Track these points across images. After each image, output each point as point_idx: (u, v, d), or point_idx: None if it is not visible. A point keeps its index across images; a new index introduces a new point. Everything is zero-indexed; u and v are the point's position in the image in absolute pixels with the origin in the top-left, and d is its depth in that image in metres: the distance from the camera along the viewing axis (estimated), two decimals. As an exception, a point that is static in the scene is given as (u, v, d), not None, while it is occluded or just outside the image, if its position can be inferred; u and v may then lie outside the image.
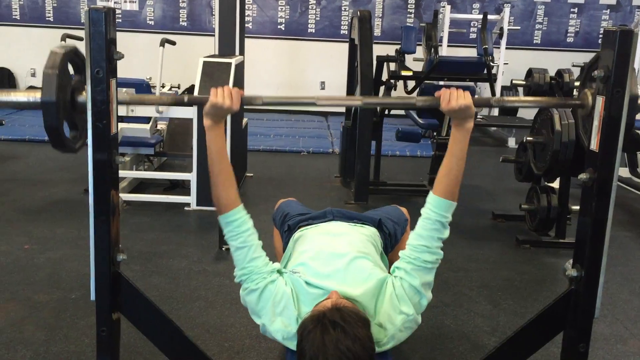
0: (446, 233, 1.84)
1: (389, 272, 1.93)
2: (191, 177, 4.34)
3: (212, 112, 1.77)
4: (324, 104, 1.79)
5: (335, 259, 1.91)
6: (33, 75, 8.86)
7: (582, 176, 1.67)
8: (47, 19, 8.72)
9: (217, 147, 1.82)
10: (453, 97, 1.74)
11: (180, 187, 4.75)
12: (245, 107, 1.81)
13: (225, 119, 1.88)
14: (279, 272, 1.89)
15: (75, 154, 1.85)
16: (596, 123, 1.65)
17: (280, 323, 1.78)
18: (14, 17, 8.72)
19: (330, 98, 1.72)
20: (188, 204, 4.38)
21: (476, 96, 1.74)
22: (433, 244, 1.82)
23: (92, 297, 1.77)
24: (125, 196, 4.40)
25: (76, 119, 1.78)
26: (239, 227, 1.84)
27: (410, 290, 1.80)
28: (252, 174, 5.37)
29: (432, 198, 1.84)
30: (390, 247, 2.29)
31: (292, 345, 1.75)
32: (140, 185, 4.84)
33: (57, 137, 1.69)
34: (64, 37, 4.30)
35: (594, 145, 1.66)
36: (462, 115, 1.77)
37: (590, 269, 1.69)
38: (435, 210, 1.82)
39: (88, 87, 1.61)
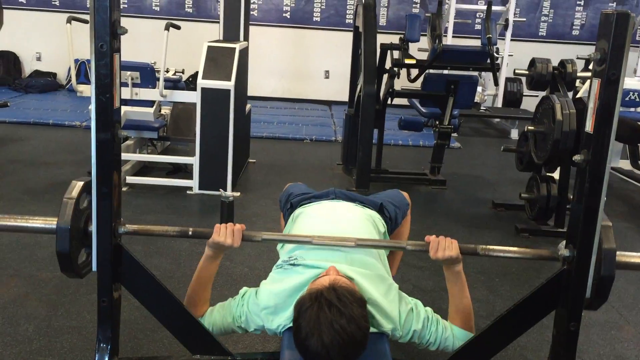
0: (450, 349, 1.91)
1: (394, 258, 1.96)
2: (194, 161, 4.37)
3: (214, 246, 1.94)
4: (319, 243, 1.89)
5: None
6: (38, 59, 8.90)
7: (577, 157, 1.69)
8: (53, 3, 8.74)
9: (207, 274, 2.00)
10: (441, 248, 1.88)
11: (183, 171, 4.78)
12: (249, 96, 1.82)
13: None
14: (243, 295, 1.96)
15: (81, 278, 1.95)
16: (591, 105, 1.67)
17: (279, 319, 1.84)
18: (20, 0, 8.74)
19: (324, 238, 1.85)
20: (190, 188, 4.41)
21: (461, 245, 1.84)
22: (441, 344, 1.89)
23: (94, 267, 1.80)
24: (128, 179, 4.44)
25: (87, 246, 1.89)
26: (210, 325, 1.97)
27: (409, 325, 1.86)
28: (254, 160, 5.41)
29: (455, 329, 1.92)
30: (390, 230, 2.31)
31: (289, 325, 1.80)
32: (143, 169, 4.87)
33: (67, 262, 1.80)
34: (70, 20, 4.31)
35: (588, 127, 1.69)
36: (449, 262, 1.91)
37: (582, 249, 1.72)
38: (458, 342, 1.90)
39: (92, 61, 1.64)
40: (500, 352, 1.97)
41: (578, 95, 4.72)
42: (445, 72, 5.07)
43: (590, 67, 5.50)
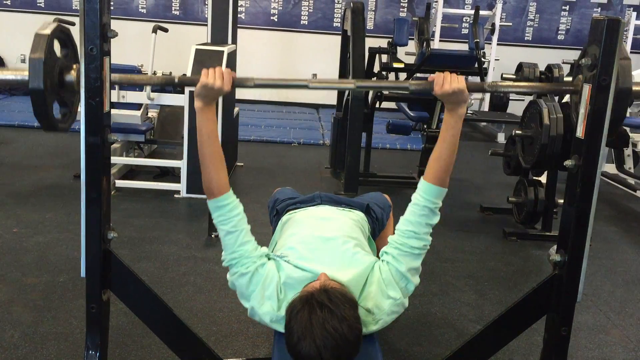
0: (435, 219, 1.84)
1: (377, 257, 1.94)
2: (181, 164, 4.35)
3: (203, 93, 1.76)
4: (316, 86, 1.79)
5: (323, 242, 1.92)
6: (23, 61, 8.78)
7: (568, 163, 1.70)
8: (38, 4, 8.66)
9: (208, 129, 1.81)
10: (447, 81, 1.73)
11: (171, 175, 4.75)
12: (236, 88, 1.79)
13: (217, 102, 1.87)
14: (268, 256, 1.90)
15: (66, 132, 1.85)
16: (582, 111, 1.68)
17: (269, 306, 1.80)
18: (4, 2, 8.65)
19: (322, 81, 1.72)
20: (178, 192, 4.38)
21: (469, 80, 1.73)
22: (421, 229, 1.82)
23: (83, 274, 1.78)
24: (114, 182, 4.40)
25: (65, 97, 1.77)
26: (230, 211, 1.84)
27: (397, 275, 1.81)
28: (242, 164, 5.38)
29: (422, 184, 1.85)
30: (378, 231, 2.31)
31: (280, 327, 1.76)
32: (130, 172, 4.84)
33: (48, 121, 1.68)
34: (55, 22, 4.27)
35: (580, 132, 1.69)
36: (455, 99, 1.76)
37: (573, 254, 1.73)
38: (425, 196, 1.82)
39: (82, 64, 1.62)
40: (490, 357, 1.97)
41: (564, 100, 4.75)
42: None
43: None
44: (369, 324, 1.79)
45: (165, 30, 4.55)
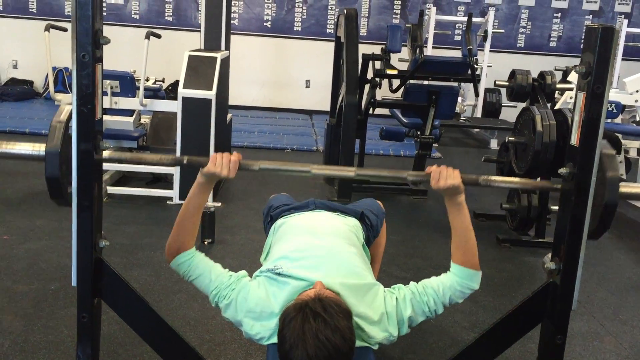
0: (459, 300, 1.85)
1: (373, 269, 1.92)
2: (174, 171, 4.33)
3: (207, 175, 1.84)
4: (318, 173, 1.85)
5: (319, 250, 1.91)
6: (15, 67, 8.76)
7: (562, 170, 1.69)
8: (30, 10, 8.62)
9: (198, 202, 1.89)
10: (442, 177, 1.80)
11: (163, 181, 4.73)
12: (230, 105, 1.80)
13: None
14: (246, 276, 1.88)
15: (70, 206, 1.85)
16: (577, 118, 1.68)
17: (260, 326, 1.78)
18: (-4, 8, 8.61)
19: (324, 168, 1.78)
20: (170, 198, 4.36)
21: (463, 175, 1.78)
22: (444, 299, 1.84)
23: (74, 282, 1.76)
24: (106, 189, 4.37)
25: None
26: (191, 263, 1.86)
27: (399, 316, 1.80)
28: (235, 170, 5.36)
29: (455, 268, 1.85)
30: (372, 238, 2.30)
31: (273, 340, 1.74)
32: (122, 179, 4.81)
33: (62, 200, 1.74)
34: (48, 27, 4.25)
35: (574, 140, 1.69)
36: (452, 193, 1.83)
37: (568, 262, 1.72)
38: (460, 279, 1.83)
39: (74, 71, 1.60)
40: (485, 365, 1.96)
41: (557, 107, 4.77)
42: (426, 82, 5.10)
43: (569, 78, 5.57)
44: (362, 340, 1.76)
45: (158, 36, 4.53)
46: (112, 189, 4.39)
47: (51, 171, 1.70)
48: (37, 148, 1.75)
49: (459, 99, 7.25)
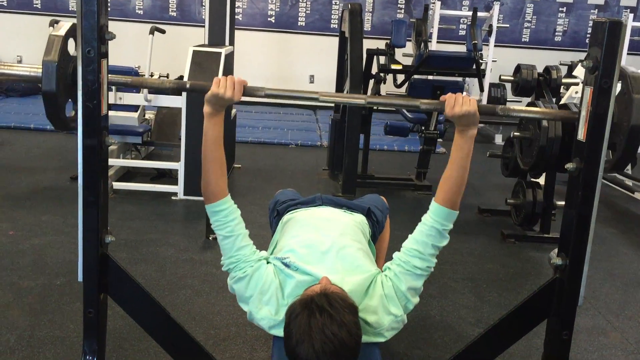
0: (443, 242, 1.83)
1: (378, 264, 1.92)
2: (179, 166, 4.33)
3: (213, 100, 1.77)
4: (326, 99, 1.78)
5: (325, 245, 1.91)
6: (19, 62, 8.76)
7: (569, 166, 1.68)
8: (34, 5, 8.62)
9: (214, 134, 1.83)
10: (458, 103, 1.73)
11: (168, 177, 4.73)
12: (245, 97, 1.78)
13: (225, 108, 1.87)
14: (267, 260, 1.88)
15: (68, 131, 1.84)
16: (584, 113, 1.67)
17: (267, 311, 1.78)
18: (0, 3, 8.62)
19: (333, 95, 1.71)
20: (175, 194, 4.36)
21: (482, 103, 1.72)
22: (427, 250, 1.81)
23: (80, 278, 1.76)
24: (112, 184, 4.38)
25: (74, 94, 1.73)
26: (227, 216, 1.84)
27: (398, 293, 1.80)
28: (239, 165, 5.37)
29: (433, 205, 1.84)
30: (378, 234, 2.30)
31: (278, 332, 1.75)
32: (127, 174, 4.81)
33: (60, 122, 1.69)
34: (52, 23, 4.26)
35: (581, 135, 1.68)
36: (466, 121, 1.75)
37: (575, 258, 1.72)
38: (434, 217, 1.82)
39: (79, 67, 1.60)
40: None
41: (562, 102, 4.75)
42: (431, 77, 5.08)
43: (574, 73, 5.55)
44: (369, 335, 1.77)
45: (163, 31, 4.53)
46: (117, 185, 4.40)
47: (48, 86, 1.63)
48: (35, 69, 1.68)
49: (464, 94, 7.23)
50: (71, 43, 1.72)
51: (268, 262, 1.87)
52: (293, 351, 1.55)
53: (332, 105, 5.57)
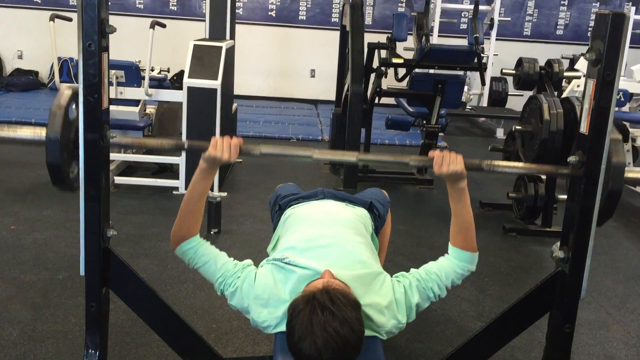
0: (459, 282, 1.88)
1: (380, 258, 1.91)
2: (180, 161, 4.33)
3: (209, 160, 1.81)
4: (319, 158, 1.84)
5: (326, 239, 1.90)
6: (20, 57, 8.76)
7: (572, 159, 1.68)
8: (35, 0, 8.60)
9: (201, 188, 1.87)
10: (445, 162, 1.78)
11: (169, 171, 4.73)
12: (235, 95, 1.78)
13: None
14: (260, 265, 1.88)
15: (73, 192, 1.85)
16: (586, 106, 1.66)
17: (267, 313, 1.78)
18: (1, -2, 8.60)
19: (326, 152, 1.75)
20: (176, 188, 4.36)
21: (466, 160, 1.76)
22: (446, 284, 1.85)
23: (82, 272, 1.76)
24: (113, 179, 4.38)
25: (78, 157, 1.78)
26: (197, 250, 1.86)
27: (408, 303, 1.81)
28: (240, 160, 5.36)
29: (454, 251, 1.88)
30: (380, 228, 2.29)
31: (281, 329, 1.74)
32: (128, 169, 4.81)
33: (64, 186, 1.73)
34: (53, 17, 4.24)
35: (583, 128, 1.68)
36: (454, 178, 1.82)
37: (577, 251, 1.71)
38: (459, 262, 1.86)
39: (80, 60, 1.60)
40: (493, 354, 1.96)
41: (564, 95, 4.74)
42: (432, 71, 5.07)
43: (576, 66, 5.53)
44: (369, 330, 1.76)
45: (163, 25, 4.52)
46: (118, 179, 4.40)
47: (52, 158, 1.68)
48: (38, 132, 1.72)
49: (465, 88, 7.22)
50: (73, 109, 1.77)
51: (261, 266, 1.87)
52: (295, 347, 1.55)
53: (333, 99, 5.56)
